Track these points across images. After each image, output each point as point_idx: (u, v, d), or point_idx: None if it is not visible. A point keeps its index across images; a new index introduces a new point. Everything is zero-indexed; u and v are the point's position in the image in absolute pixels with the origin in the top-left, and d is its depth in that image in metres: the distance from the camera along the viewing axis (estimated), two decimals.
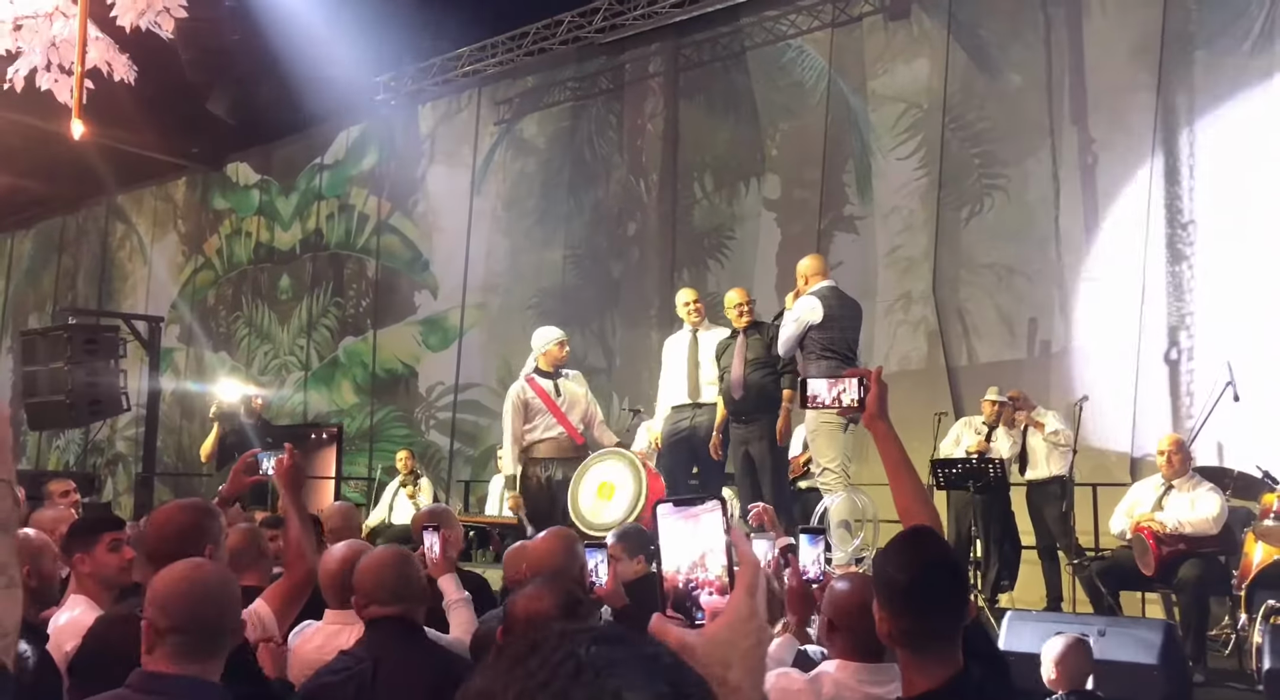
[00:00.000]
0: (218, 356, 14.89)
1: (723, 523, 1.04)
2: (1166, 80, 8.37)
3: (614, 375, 11.02)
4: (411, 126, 13.34)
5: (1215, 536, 5.39)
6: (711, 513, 1.05)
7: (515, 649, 0.70)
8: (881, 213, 9.75)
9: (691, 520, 1.05)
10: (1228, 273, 7.92)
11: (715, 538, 1.04)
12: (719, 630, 1.01)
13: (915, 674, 1.91)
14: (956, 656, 1.90)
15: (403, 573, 2.63)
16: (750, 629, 1.01)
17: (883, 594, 1.96)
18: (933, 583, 1.92)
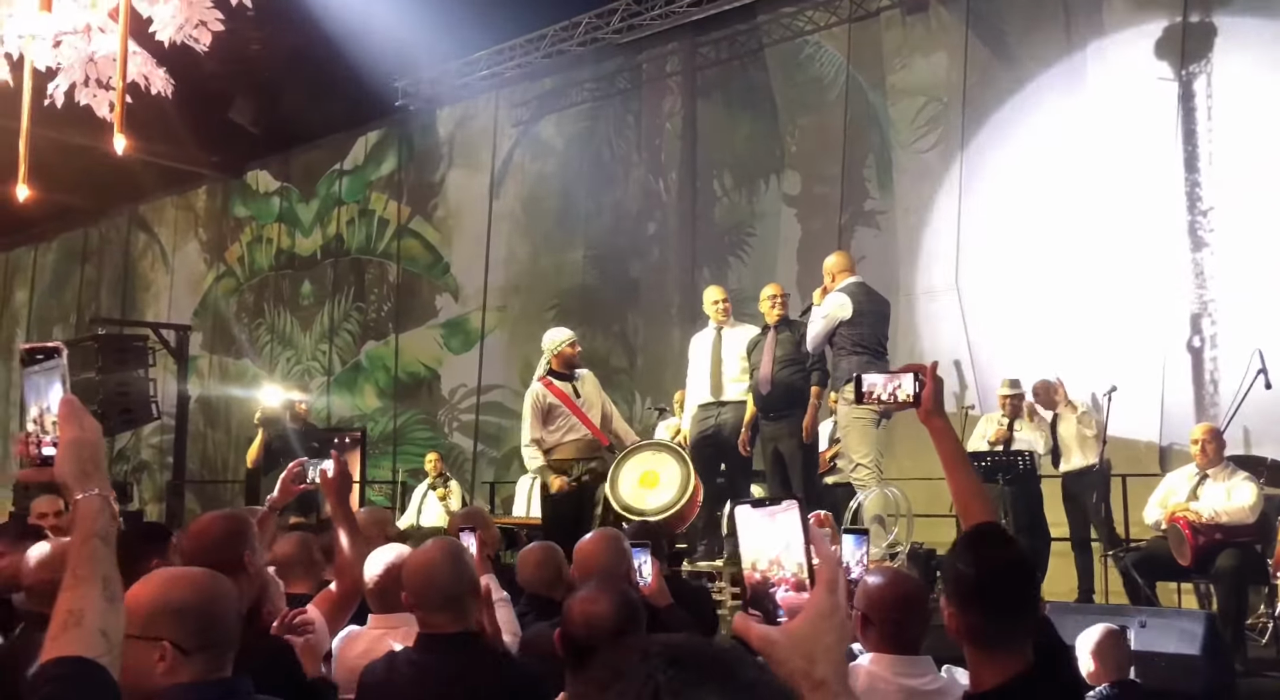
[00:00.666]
0: (240, 364, 15.00)
1: (800, 522, 1.06)
2: (1187, 69, 8.33)
3: (636, 375, 11.04)
4: (430, 130, 13.41)
5: (1251, 525, 5.36)
6: (788, 512, 1.07)
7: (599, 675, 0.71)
8: (903, 207, 9.74)
9: (768, 519, 1.08)
10: (1250, 259, 7.88)
11: (793, 536, 1.06)
12: (801, 626, 1.03)
13: (983, 670, 1.92)
14: (1026, 653, 1.90)
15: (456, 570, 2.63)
16: (833, 624, 1.03)
17: (952, 590, 1.97)
18: (1003, 580, 1.93)
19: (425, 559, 2.70)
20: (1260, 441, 7.42)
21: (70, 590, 1.38)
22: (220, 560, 2.56)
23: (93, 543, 1.42)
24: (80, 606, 1.36)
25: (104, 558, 1.41)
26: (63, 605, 1.37)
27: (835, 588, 1.04)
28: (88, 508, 1.44)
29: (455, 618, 2.66)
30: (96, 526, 1.43)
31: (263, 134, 12.03)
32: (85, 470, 1.46)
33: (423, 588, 2.66)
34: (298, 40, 9.74)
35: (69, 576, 1.39)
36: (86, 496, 1.45)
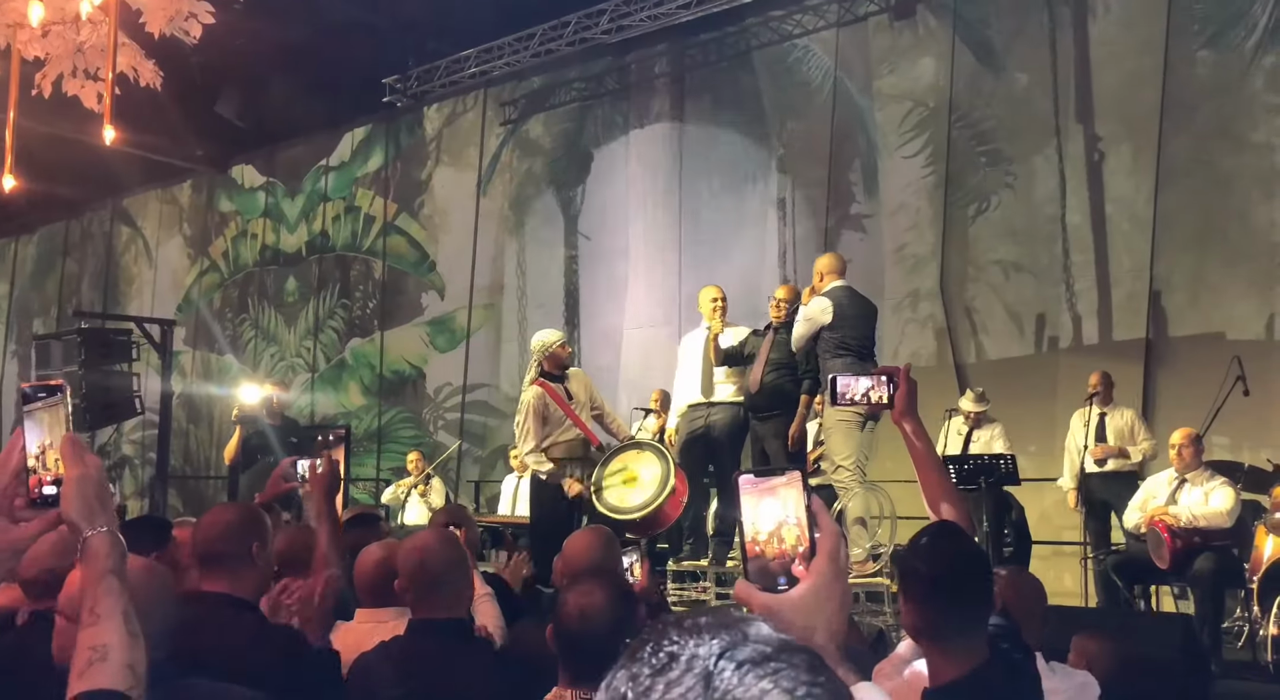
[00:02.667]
0: (224, 359, 14.94)
1: (801, 494, 1.08)
2: (1171, 77, 8.41)
3: (622, 374, 11.06)
4: (417, 128, 13.39)
5: (1228, 530, 5.43)
6: (789, 486, 1.09)
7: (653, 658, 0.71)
8: (889, 211, 9.80)
9: (769, 493, 1.09)
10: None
11: (793, 507, 1.08)
12: (804, 595, 1.05)
13: (940, 664, 1.95)
14: (981, 647, 1.94)
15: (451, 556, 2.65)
16: (834, 592, 1.06)
17: (907, 587, 2.01)
18: (956, 576, 1.96)
19: (420, 544, 2.72)
20: (1238, 447, 7.54)
21: (91, 627, 1.39)
22: (230, 552, 2.58)
23: (108, 579, 1.43)
24: (104, 641, 1.37)
25: (120, 593, 1.42)
26: (85, 642, 1.38)
27: (837, 557, 1.07)
28: (99, 545, 1.45)
29: (448, 604, 2.68)
30: (110, 563, 1.44)
31: (249, 128, 11.99)
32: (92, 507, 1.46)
33: (417, 572, 2.67)
34: (285, 35, 9.72)
35: (87, 614, 1.40)
36: (96, 534, 1.45)
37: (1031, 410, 8.47)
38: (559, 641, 2.08)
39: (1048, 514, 8.19)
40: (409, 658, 2.68)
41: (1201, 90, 8.39)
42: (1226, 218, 8.20)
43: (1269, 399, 7.37)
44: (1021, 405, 8.38)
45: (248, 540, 2.74)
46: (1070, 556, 7.70)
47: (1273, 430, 7.51)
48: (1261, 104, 8.16)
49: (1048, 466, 8.20)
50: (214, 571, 2.63)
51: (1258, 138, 8.15)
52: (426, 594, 2.70)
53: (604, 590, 2.10)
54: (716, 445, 6.05)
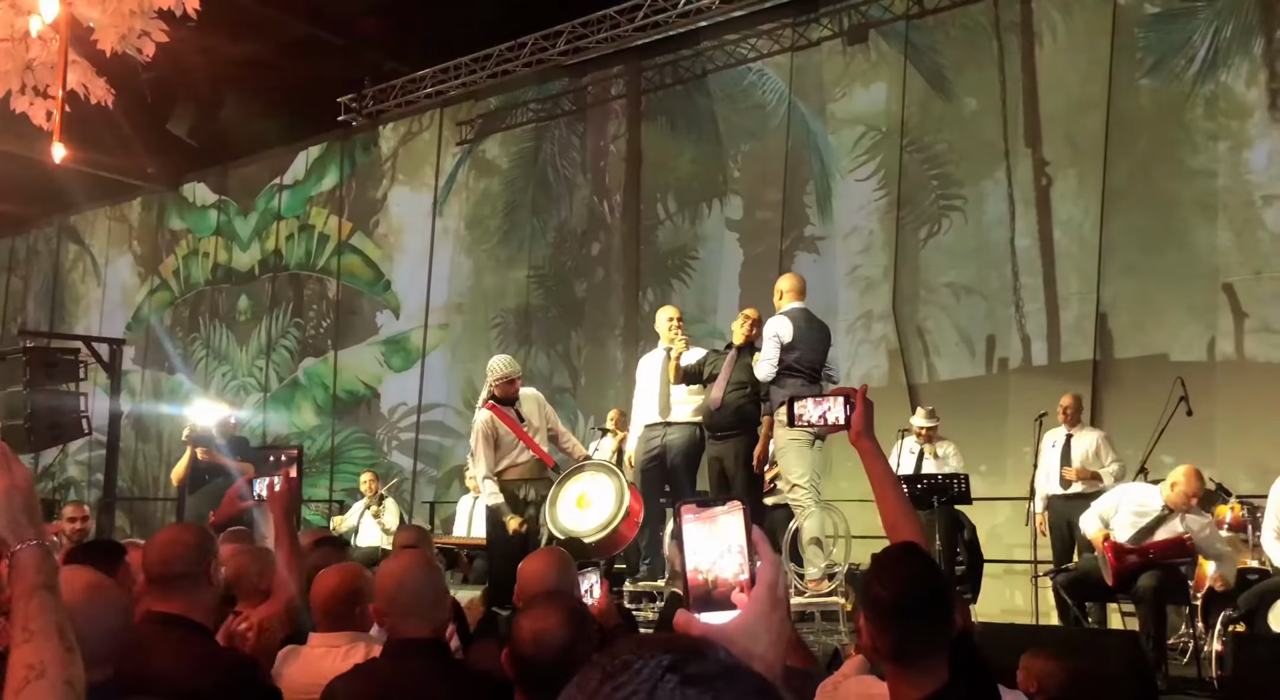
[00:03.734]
0: (174, 379, 14.71)
1: (742, 524, 1.10)
2: (1115, 104, 8.63)
3: (579, 394, 11.07)
4: (373, 146, 13.35)
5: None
6: (730, 515, 1.10)
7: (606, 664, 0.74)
8: (842, 233, 9.93)
9: (711, 521, 1.10)
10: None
11: (734, 537, 1.10)
12: (742, 624, 1.07)
13: (901, 687, 1.96)
14: (942, 671, 1.94)
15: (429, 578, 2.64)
16: (772, 622, 1.07)
17: (868, 609, 2.01)
18: (916, 599, 1.96)
19: (400, 566, 2.70)
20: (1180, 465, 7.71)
21: (26, 645, 1.35)
22: (183, 572, 2.55)
23: (40, 594, 1.39)
24: (40, 659, 1.34)
25: (55, 608, 1.38)
26: (21, 660, 1.34)
27: (776, 587, 1.08)
28: (28, 560, 1.41)
29: (426, 625, 2.66)
30: (41, 578, 1.40)
31: (201, 146, 11.86)
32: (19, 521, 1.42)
33: (395, 594, 2.66)
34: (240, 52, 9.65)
35: (19, 632, 1.36)
36: (26, 548, 1.41)
37: (982, 430, 8.59)
38: (514, 665, 2.07)
39: (998, 532, 8.31)
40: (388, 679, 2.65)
41: (1144, 117, 8.61)
42: (1169, 242, 8.40)
43: (1210, 419, 7.56)
44: (972, 425, 8.50)
45: (202, 561, 2.72)
46: (1021, 575, 7.82)
47: (1214, 450, 7.69)
48: (1201, 131, 8.39)
49: (998, 486, 8.34)
50: (167, 593, 2.60)
51: (1197, 164, 8.38)
52: (406, 615, 2.68)
53: (558, 613, 2.09)
54: (673, 465, 6.07)
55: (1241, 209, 8.17)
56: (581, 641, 2.09)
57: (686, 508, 1.12)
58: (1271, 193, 8.07)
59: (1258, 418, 7.57)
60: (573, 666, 2.15)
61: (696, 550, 1.10)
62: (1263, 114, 8.17)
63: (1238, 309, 8.06)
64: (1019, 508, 7.88)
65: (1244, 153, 8.24)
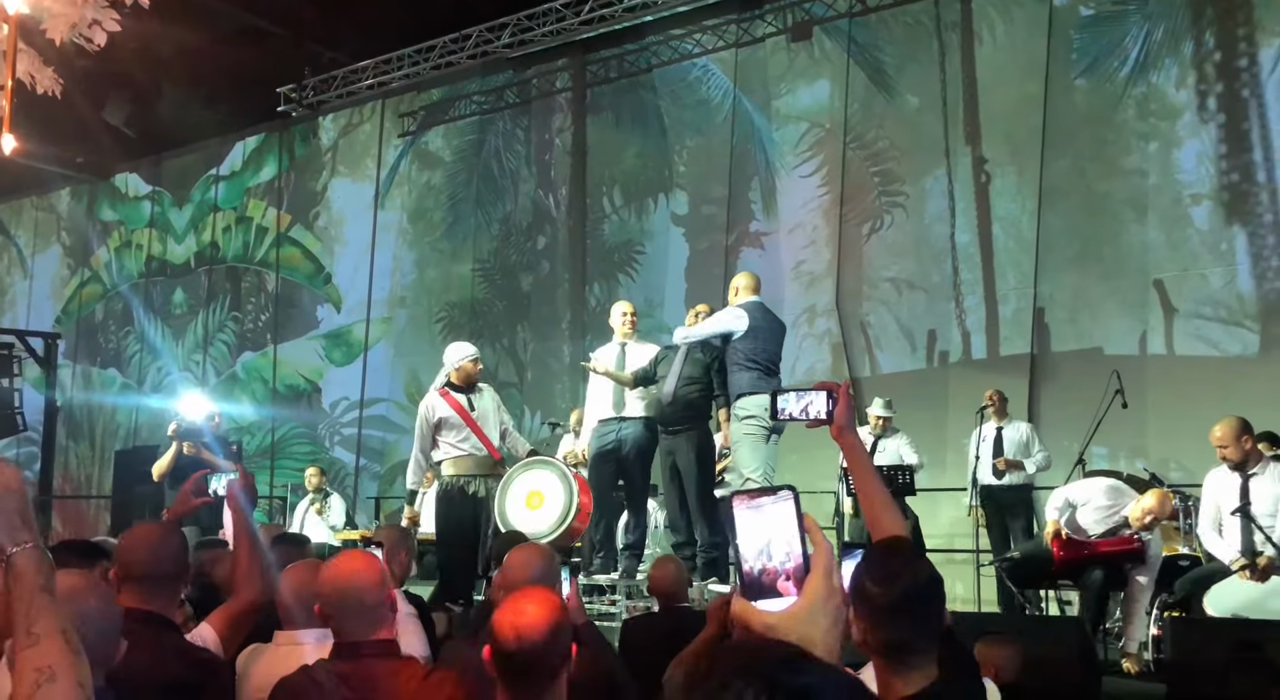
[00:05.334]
0: (107, 373, 14.36)
1: (794, 512, 1.11)
2: (1051, 103, 8.84)
3: (525, 389, 11.04)
4: (312, 138, 13.15)
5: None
6: (779, 503, 1.11)
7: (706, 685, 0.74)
8: (786, 229, 10.03)
9: (761, 511, 1.11)
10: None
11: (785, 525, 1.11)
12: (800, 611, 1.09)
13: (891, 682, 1.96)
14: (932, 667, 1.95)
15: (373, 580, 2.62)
16: (829, 608, 1.09)
17: (861, 606, 1.99)
18: (913, 597, 1.96)
19: (344, 568, 2.68)
20: (1115, 457, 7.96)
21: (32, 648, 1.33)
22: (158, 570, 2.52)
23: (42, 597, 1.37)
24: (49, 663, 1.32)
25: (56, 611, 1.37)
26: (29, 664, 1.32)
27: (831, 574, 1.11)
28: (26, 563, 1.39)
29: (373, 626, 2.65)
30: (40, 580, 1.38)
31: (136, 136, 11.58)
32: (14, 523, 1.40)
33: (340, 597, 2.63)
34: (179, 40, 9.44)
35: (23, 636, 1.34)
36: (22, 551, 1.39)
37: (923, 423, 8.75)
38: (496, 661, 2.07)
39: (940, 523, 8.49)
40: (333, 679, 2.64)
41: (1079, 117, 8.84)
42: (1103, 239, 8.64)
43: (1142, 411, 7.80)
44: (914, 418, 8.64)
45: (175, 558, 2.69)
46: (962, 564, 7.99)
47: (1146, 441, 7.95)
48: (1133, 131, 8.64)
49: (939, 477, 8.50)
50: (140, 589, 2.57)
51: (1130, 163, 8.64)
52: (352, 616, 2.66)
53: (538, 607, 2.10)
54: (626, 459, 6.08)
55: (1171, 208, 8.43)
56: (562, 634, 2.10)
57: (738, 497, 1.13)
58: (1199, 192, 8.34)
59: (1187, 410, 7.82)
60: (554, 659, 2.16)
61: (747, 539, 1.12)
62: (1191, 115, 8.44)
63: (1168, 304, 8.33)
64: (957, 498, 8.07)
65: (1173, 153, 8.50)
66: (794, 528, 1.11)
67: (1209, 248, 8.26)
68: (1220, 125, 8.32)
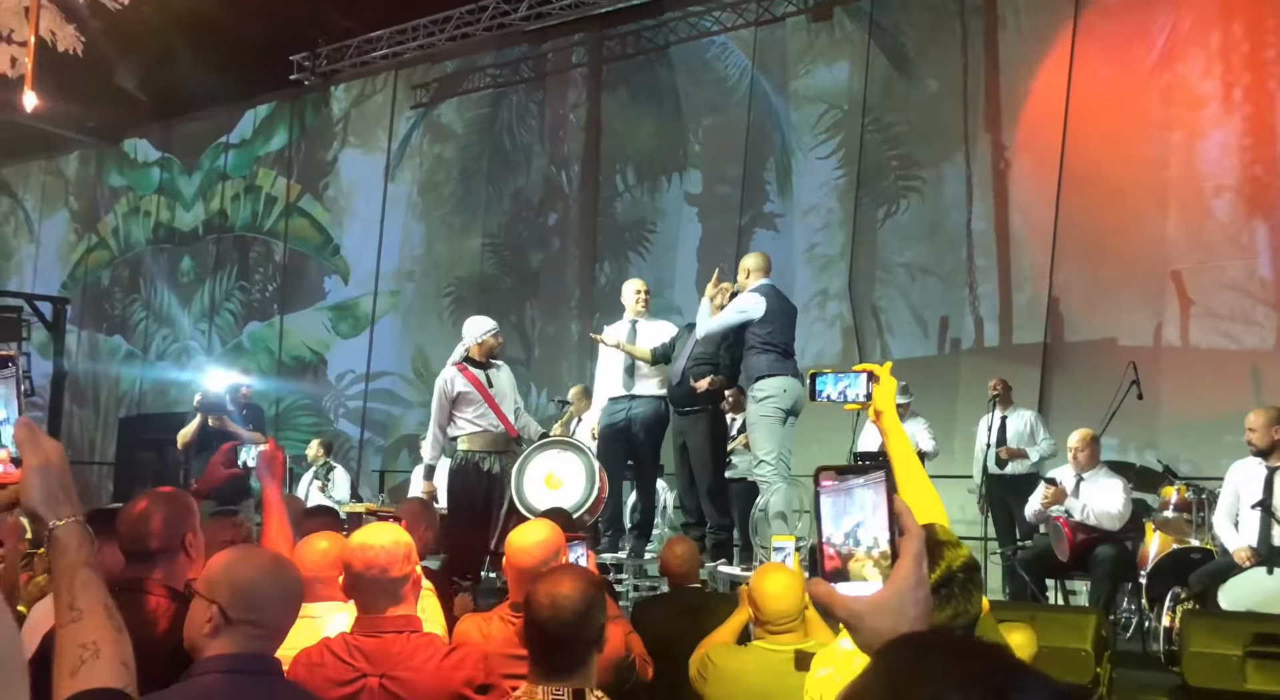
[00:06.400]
0: (112, 340, 14.32)
1: (884, 494, 1.06)
2: (1074, 91, 8.74)
3: (533, 366, 10.99)
4: (324, 107, 13.05)
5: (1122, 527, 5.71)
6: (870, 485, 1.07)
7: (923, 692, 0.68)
8: (800, 211, 9.95)
9: (849, 492, 1.07)
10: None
11: (871, 509, 1.06)
12: (888, 598, 1.04)
13: None
14: None
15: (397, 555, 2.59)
16: (918, 597, 1.05)
17: None
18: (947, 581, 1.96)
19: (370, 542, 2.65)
20: (1125, 448, 7.91)
21: (75, 624, 1.32)
22: (162, 544, 2.48)
23: (84, 572, 1.35)
24: (93, 638, 1.31)
25: (99, 586, 1.35)
26: (72, 640, 1.30)
27: (921, 561, 1.06)
28: (69, 537, 1.37)
29: (395, 602, 2.62)
30: (82, 555, 1.36)
31: (148, 101, 11.50)
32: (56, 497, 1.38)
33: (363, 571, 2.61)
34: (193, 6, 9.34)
35: (66, 611, 1.32)
36: (66, 525, 1.38)
37: (934, 410, 8.67)
38: (529, 633, 2.04)
39: (948, 510, 8.41)
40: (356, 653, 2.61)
41: (1102, 105, 8.74)
42: (1121, 229, 8.56)
43: (1155, 403, 7.74)
44: (924, 404, 8.58)
45: (181, 530, 2.65)
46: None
47: (1158, 432, 7.90)
48: (1155, 121, 8.54)
49: (948, 464, 8.45)
50: (145, 562, 2.53)
51: (1151, 153, 8.54)
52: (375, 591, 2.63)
53: (573, 581, 2.08)
54: (636, 438, 6.05)
55: (1192, 198, 8.34)
56: (596, 608, 2.07)
57: (825, 475, 1.08)
58: (1221, 183, 8.25)
59: (1199, 403, 7.78)
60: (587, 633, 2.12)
61: (832, 520, 1.07)
62: (1216, 106, 8.34)
63: (1184, 296, 8.25)
64: (965, 485, 8.03)
65: (1197, 143, 8.40)
66: (884, 510, 1.06)
67: (1229, 239, 8.18)
68: (1245, 117, 8.23)
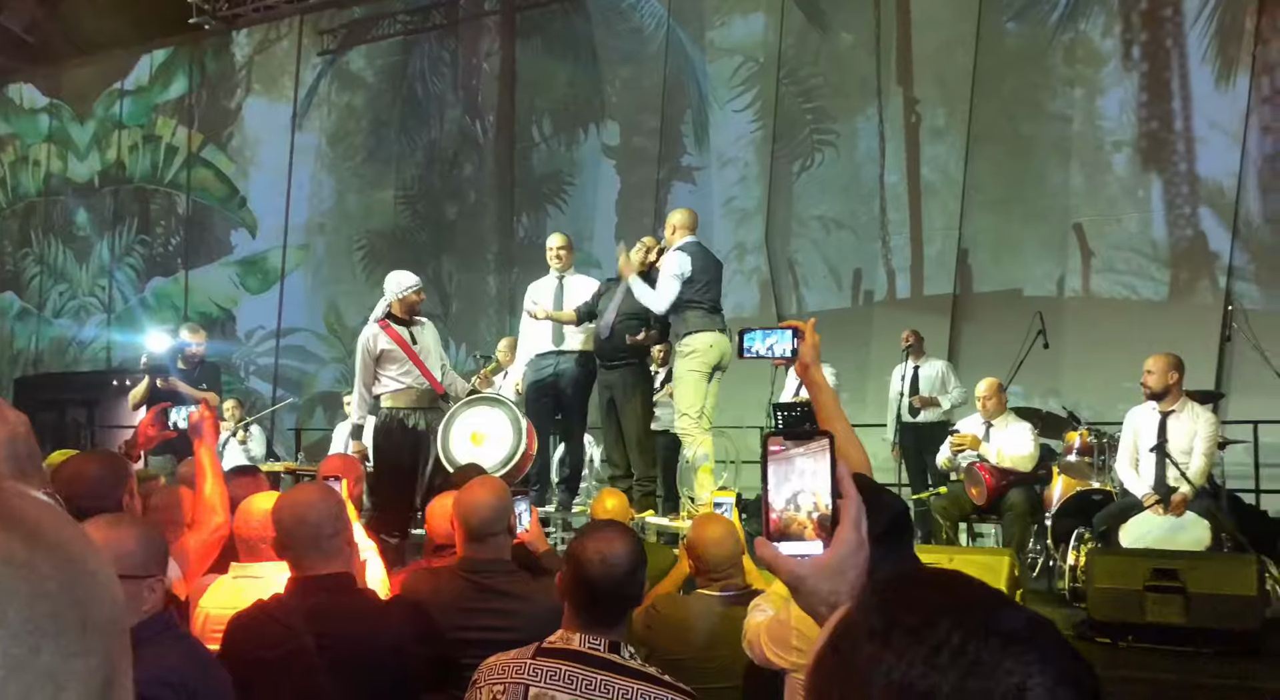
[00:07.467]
0: (3, 296, 13.71)
1: (827, 459, 1.10)
2: (982, 46, 8.92)
3: (451, 321, 10.88)
4: (225, 53, 12.58)
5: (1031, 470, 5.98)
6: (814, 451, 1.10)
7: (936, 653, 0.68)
8: (718, 164, 10.00)
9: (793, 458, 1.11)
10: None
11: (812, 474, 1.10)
12: (829, 562, 1.08)
13: None
14: None
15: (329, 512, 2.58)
16: (859, 560, 1.09)
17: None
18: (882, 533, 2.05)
19: (299, 500, 2.63)
20: (1030, 395, 8.23)
21: None
22: (96, 506, 2.43)
23: None
24: None
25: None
26: None
27: (860, 525, 1.10)
28: None
29: (328, 560, 2.61)
30: None
31: (36, 43, 10.92)
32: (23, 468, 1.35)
33: (295, 528, 2.59)
34: None
35: None
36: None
37: (847, 360, 8.90)
38: (576, 588, 2.06)
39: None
40: (291, 614, 2.60)
41: (1008, 60, 8.95)
42: (1027, 182, 8.83)
43: (1059, 351, 8.06)
44: (837, 356, 8.73)
45: (118, 492, 2.61)
46: None
47: (1061, 379, 8.24)
48: (1059, 76, 8.79)
49: (860, 413, 8.67)
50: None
51: (1055, 108, 8.80)
52: (307, 550, 2.62)
53: (623, 539, 2.11)
54: (564, 393, 6.08)
55: (1093, 153, 8.64)
56: (641, 566, 2.12)
57: (773, 439, 1.11)
58: (1120, 139, 8.56)
59: (1099, 351, 8.12)
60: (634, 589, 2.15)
61: (774, 487, 1.11)
62: (1116, 63, 8.62)
63: (1085, 248, 8.58)
64: (879, 433, 8.26)
65: (1097, 100, 8.68)
66: (826, 475, 1.10)
67: (1127, 194, 8.51)
68: (1143, 73, 8.52)
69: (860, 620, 0.72)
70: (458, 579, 2.75)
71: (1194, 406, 5.25)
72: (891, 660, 0.68)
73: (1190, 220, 8.30)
